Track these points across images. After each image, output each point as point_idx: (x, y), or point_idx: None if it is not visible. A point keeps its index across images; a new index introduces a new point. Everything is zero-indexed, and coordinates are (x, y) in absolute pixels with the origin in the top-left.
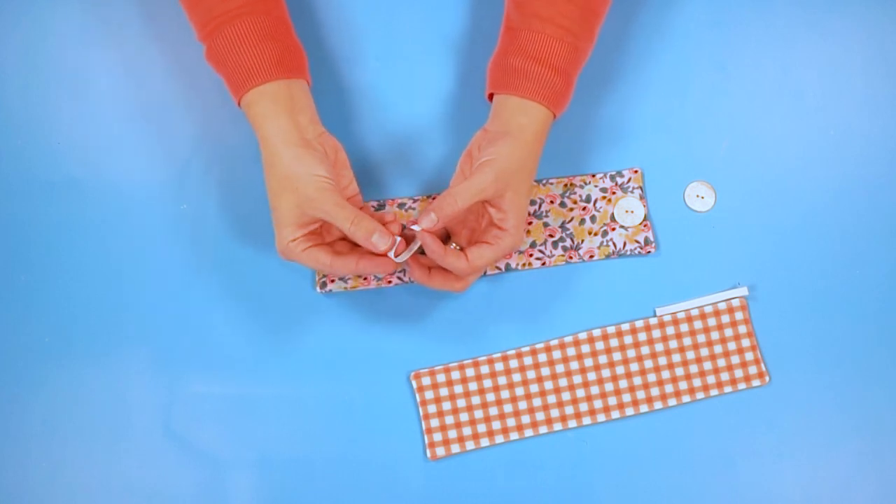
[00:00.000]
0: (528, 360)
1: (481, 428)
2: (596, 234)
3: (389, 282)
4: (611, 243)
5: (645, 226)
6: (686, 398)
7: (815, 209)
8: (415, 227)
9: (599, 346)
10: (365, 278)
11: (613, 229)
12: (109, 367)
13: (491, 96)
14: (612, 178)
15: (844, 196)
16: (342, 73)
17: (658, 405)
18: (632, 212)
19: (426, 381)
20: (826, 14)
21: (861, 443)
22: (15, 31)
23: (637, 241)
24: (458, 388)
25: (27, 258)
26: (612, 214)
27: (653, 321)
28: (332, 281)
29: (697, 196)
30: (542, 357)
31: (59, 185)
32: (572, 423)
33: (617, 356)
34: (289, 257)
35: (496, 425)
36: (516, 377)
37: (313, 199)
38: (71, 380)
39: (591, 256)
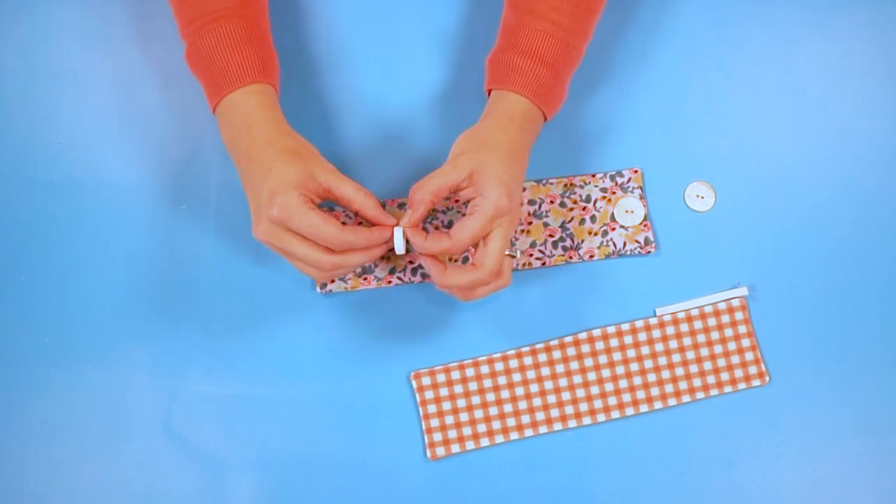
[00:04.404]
0: (528, 360)
1: (481, 428)
2: (596, 234)
3: (389, 282)
4: (611, 243)
5: (645, 226)
6: (686, 398)
7: (815, 209)
8: (397, 229)
9: (599, 346)
10: (365, 278)
11: (613, 229)
12: (109, 367)
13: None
14: (612, 178)
15: (844, 196)
16: (341, 73)
17: (658, 405)
18: (632, 212)
19: (426, 381)
20: (826, 14)
21: (861, 443)
22: (15, 31)
23: (637, 241)
24: (458, 388)
25: (27, 258)
26: (612, 214)
27: (653, 321)
28: (332, 281)
29: (697, 196)
30: (542, 357)
31: (59, 185)
32: (572, 423)
33: (617, 356)
34: (283, 217)
35: (496, 425)
36: (516, 377)
37: (325, 167)
38: (71, 380)
39: (591, 256)
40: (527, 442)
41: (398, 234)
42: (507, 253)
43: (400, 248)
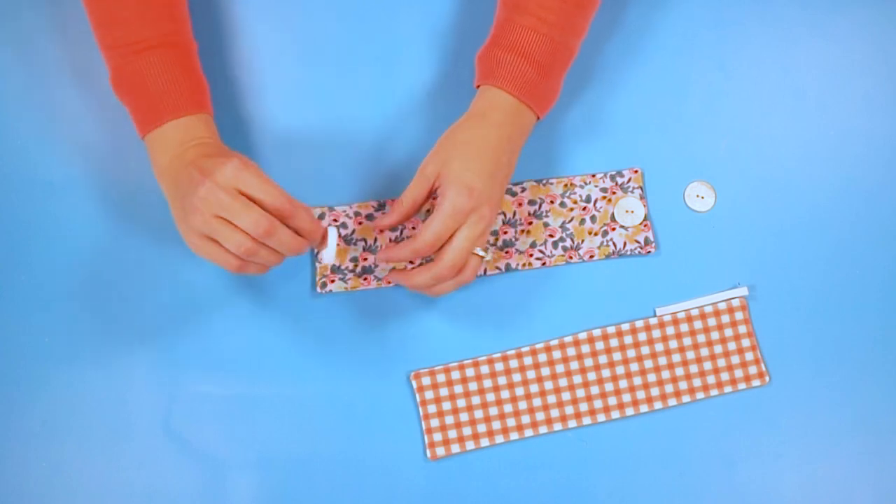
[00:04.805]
0: (528, 360)
1: (481, 428)
2: (596, 234)
3: (389, 282)
4: (611, 243)
5: (645, 226)
6: (686, 398)
7: (815, 209)
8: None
9: (599, 346)
10: (365, 278)
11: (613, 229)
12: (109, 367)
13: None
14: (613, 178)
15: (844, 196)
16: (341, 73)
17: (658, 405)
18: (632, 212)
19: (426, 381)
20: (826, 14)
21: (861, 443)
22: (15, 31)
23: (637, 241)
24: (458, 388)
25: (27, 258)
26: (613, 214)
27: (653, 321)
28: (332, 281)
29: (697, 196)
30: (542, 357)
31: (59, 185)
32: (572, 423)
33: (617, 356)
34: (238, 171)
35: (496, 425)
36: (516, 377)
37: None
38: (71, 380)
39: (591, 256)
40: (527, 442)
41: (332, 233)
42: (476, 252)
43: (331, 252)
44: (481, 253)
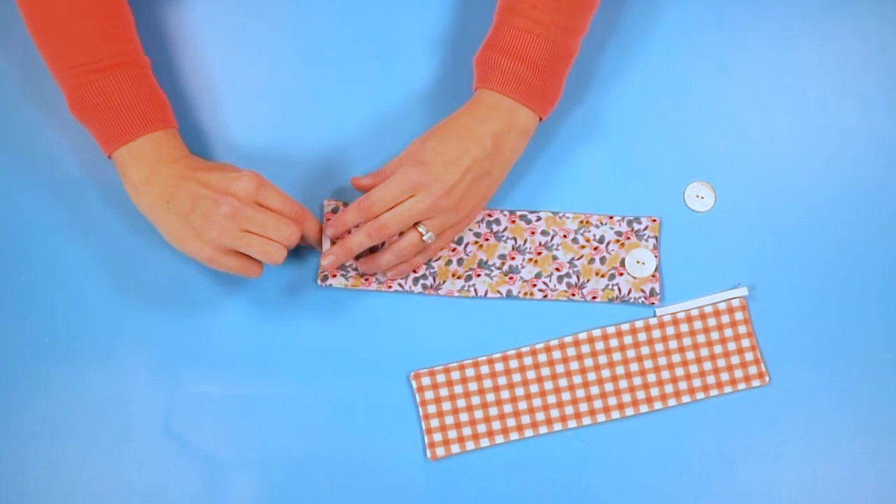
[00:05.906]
0: (528, 360)
1: (481, 428)
2: (602, 276)
3: (389, 286)
4: (616, 288)
5: (654, 276)
6: (686, 398)
7: (815, 209)
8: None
9: (599, 346)
10: (366, 279)
11: (621, 274)
12: (109, 367)
13: None
14: (630, 223)
15: (844, 196)
16: (342, 73)
17: (658, 405)
18: (643, 263)
19: (426, 381)
20: (826, 14)
21: (861, 443)
22: (15, 31)
23: (643, 291)
24: (458, 388)
25: (27, 258)
26: (623, 261)
27: (653, 321)
28: (334, 276)
29: (697, 196)
30: (542, 357)
31: (59, 185)
32: (572, 423)
33: (617, 356)
34: (257, 183)
35: (496, 425)
36: (516, 377)
37: None
38: (71, 380)
39: (595, 298)
40: (527, 442)
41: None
42: (420, 230)
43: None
44: (422, 230)
